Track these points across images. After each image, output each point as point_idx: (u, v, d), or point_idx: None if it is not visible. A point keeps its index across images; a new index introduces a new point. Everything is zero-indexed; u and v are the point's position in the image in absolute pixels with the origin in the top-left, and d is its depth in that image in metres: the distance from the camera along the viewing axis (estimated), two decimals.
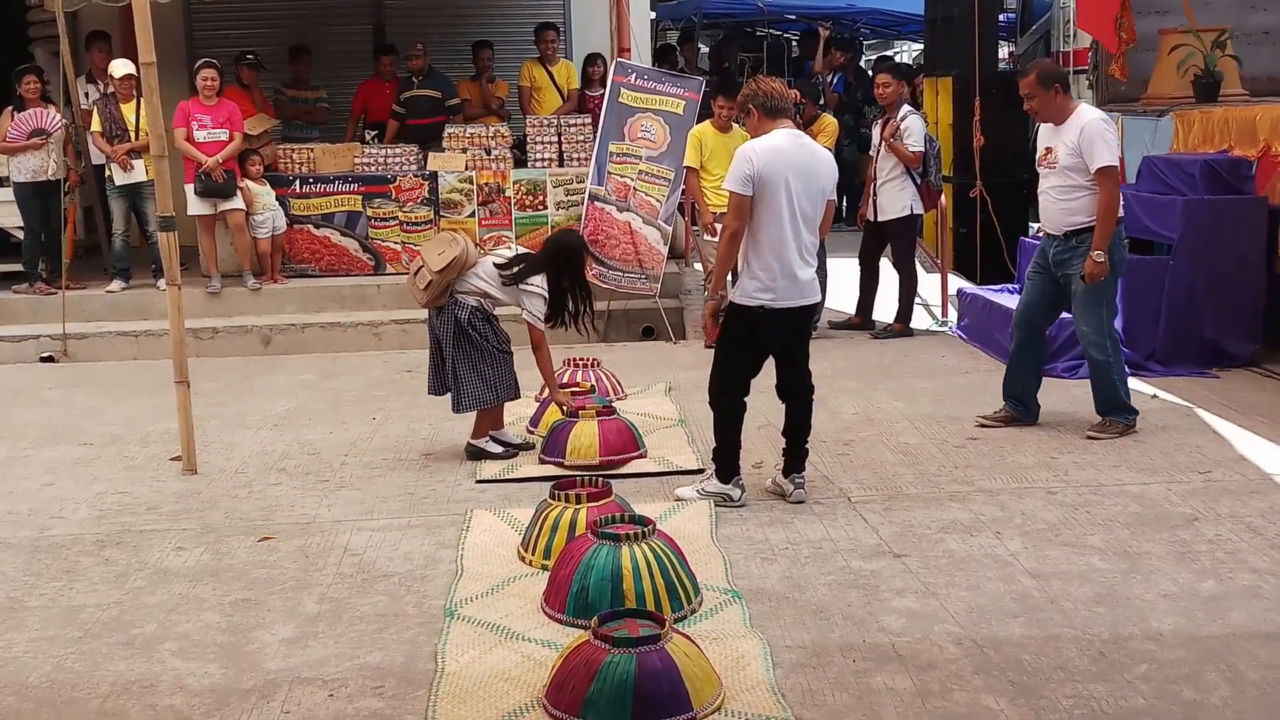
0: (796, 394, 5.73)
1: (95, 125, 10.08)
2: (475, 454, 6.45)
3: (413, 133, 11.27)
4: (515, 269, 6.34)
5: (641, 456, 6.33)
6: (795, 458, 5.73)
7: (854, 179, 10.33)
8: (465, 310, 6.32)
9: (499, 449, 6.44)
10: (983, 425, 6.78)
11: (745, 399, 5.67)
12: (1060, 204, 6.51)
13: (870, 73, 14.63)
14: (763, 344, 5.61)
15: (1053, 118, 6.53)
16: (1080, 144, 6.33)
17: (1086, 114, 6.47)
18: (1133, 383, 7.60)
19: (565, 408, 6.48)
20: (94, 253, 11.34)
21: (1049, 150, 6.56)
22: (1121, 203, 6.48)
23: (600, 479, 5.32)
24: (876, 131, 9.35)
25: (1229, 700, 3.76)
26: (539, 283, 6.34)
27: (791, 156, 5.43)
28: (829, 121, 9.49)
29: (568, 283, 6.44)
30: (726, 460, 5.66)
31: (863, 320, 9.60)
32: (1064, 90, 6.51)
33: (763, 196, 5.38)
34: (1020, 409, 6.79)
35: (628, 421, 6.45)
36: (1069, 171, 6.42)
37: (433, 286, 6.30)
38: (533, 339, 6.38)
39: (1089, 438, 6.50)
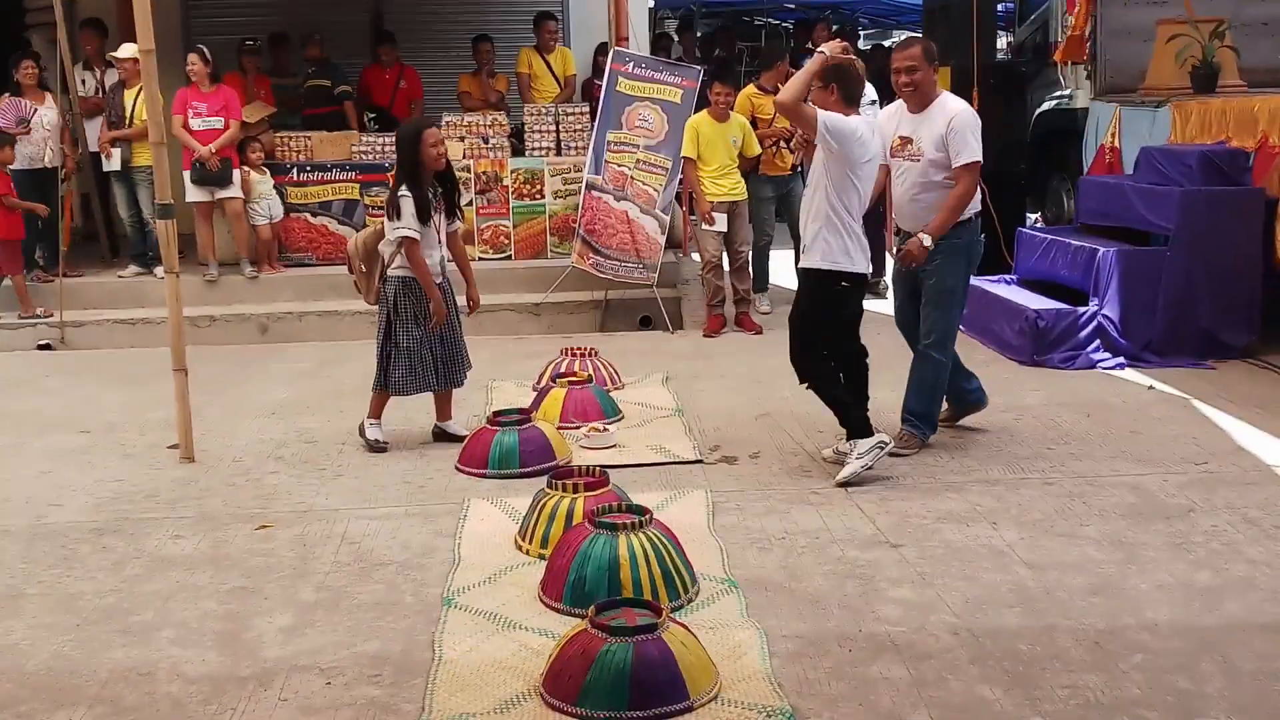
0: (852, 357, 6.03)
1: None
2: (439, 435, 6.67)
3: (310, 121, 11.24)
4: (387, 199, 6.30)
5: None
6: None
7: None
8: (393, 286, 6.34)
9: (465, 432, 6.50)
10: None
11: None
12: (919, 200, 5.97)
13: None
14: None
15: (921, 102, 5.92)
16: (948, 136, 5.81)
17: (954, 104, 5.91)
18: (1129, 373, 7.66)
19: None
20: (91, 240, 11.32)
21: (907, 141, 5.96)
22: (977, 200, 6.03)
23: (598, 468, 5.33)
24: None
25: (1224, 691, 3.77)
26: (403, 190, 6.21)
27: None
28: None
29: (422, 170, 6.24)
30: (858, 420, 5.82)
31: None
32: (936, 72, 5.96)
33: (868, 167, 5.71)
34: (954, 404, 6.49)
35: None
36: (932, 166, 5.89)
37: (360, 278, 6.50)
38: (405, 251, 6.27)
39: (892, 454, 5.87)
